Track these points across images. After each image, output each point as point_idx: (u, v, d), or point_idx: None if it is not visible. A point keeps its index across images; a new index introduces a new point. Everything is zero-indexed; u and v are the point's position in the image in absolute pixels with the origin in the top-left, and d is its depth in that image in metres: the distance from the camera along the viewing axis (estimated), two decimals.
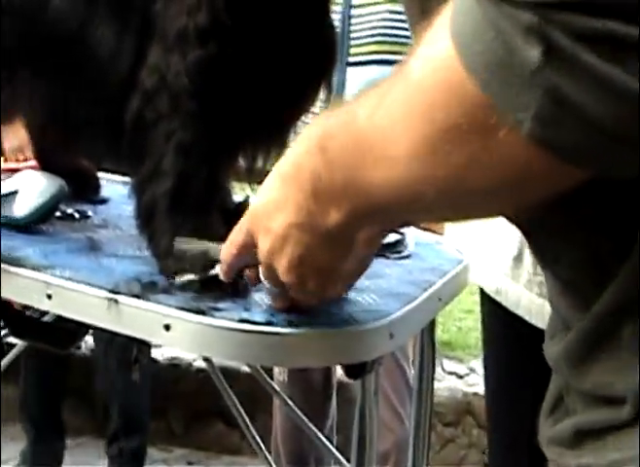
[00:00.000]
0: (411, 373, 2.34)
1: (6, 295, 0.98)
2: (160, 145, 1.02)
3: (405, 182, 0.57)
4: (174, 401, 3.17)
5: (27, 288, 0.95)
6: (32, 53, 1.13)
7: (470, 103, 0.51)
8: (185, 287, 0.92)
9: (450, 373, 3.27)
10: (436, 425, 3.16)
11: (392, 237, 1.25)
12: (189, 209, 1.01)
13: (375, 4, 2.21)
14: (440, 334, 3.64)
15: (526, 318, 1.31)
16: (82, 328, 1.00)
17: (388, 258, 1.20)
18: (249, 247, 0.77)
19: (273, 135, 1.10)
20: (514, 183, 0.53)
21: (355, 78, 2.23)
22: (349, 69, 2.22)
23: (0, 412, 2.18)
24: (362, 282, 1.05)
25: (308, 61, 1.07)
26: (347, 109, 0.64)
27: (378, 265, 1.15)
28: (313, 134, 0.66)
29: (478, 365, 3.28)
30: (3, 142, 1.94)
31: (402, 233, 1.27)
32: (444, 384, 3.18)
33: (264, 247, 0.74)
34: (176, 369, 3.21)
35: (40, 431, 2.85)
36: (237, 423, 3.26)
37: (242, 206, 1.19)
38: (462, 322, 3.72)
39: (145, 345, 1.78)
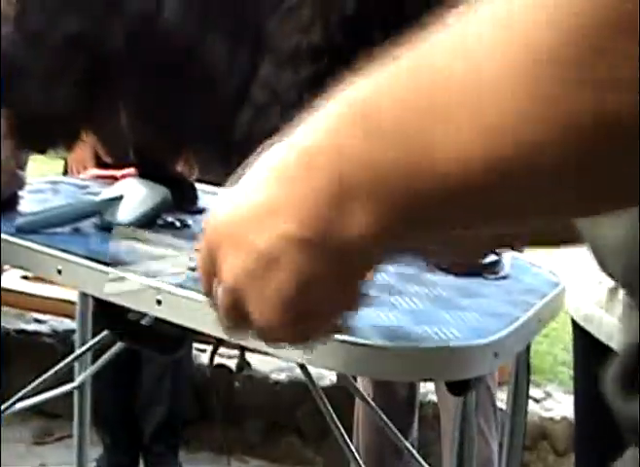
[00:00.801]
0: (496, 393, 2.33)
1: (116, 300, 1.00)
2: None
3: (512, 149, 0.36)
4: (251, 412, 3.19)
5: (137, 294, 0.96)
6: (144, 65, 1.15)
7: None
8: None
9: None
10: None
11: (489, 258, 1.25)
12: None
13: None
14: None
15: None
16: (187, 333, 1.02)
17: (486, 278, 1.21)
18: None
19: None
20: None
21: None
22: None
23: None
24: (462, 300, 1.07)
25: None
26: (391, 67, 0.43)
27: (476, 284, 1.16)
28: (336, 105, 0.44)
29: (553, 389, 3.24)
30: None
31: (498, 254, 1.27)
32: None
33: (231, 269, 0.48)
34: (253, 381, 3.23)
35: (115, 438, 2.89)
36: (312, 437, 3.27)
37: None
38: (538, 346, 3.67)
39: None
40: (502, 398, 3.20)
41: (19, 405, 1.46)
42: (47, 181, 1.49)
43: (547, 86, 0.34)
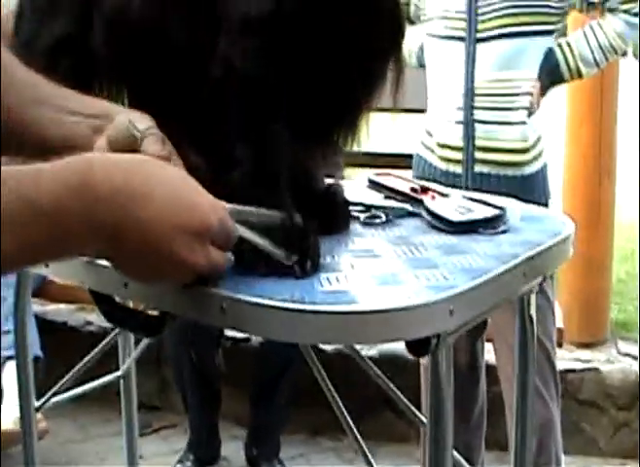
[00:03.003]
0: (555, 353, 2.28)
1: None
2: (232, 132, 1.05)
3: None
4: (343, 390, 3.20)
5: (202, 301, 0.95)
6: (118, 54, 1.17)
7: None
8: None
9: (625, 354, 3.14)
10: (609, 409, 3.05)
11: (489, 212, 1.22)
12: (262, 194, 1.02)
13: None
14: (615, 314, 3.51)
15: None
16: (166, 315, 1.04)
17: (481, 234, 1.18)
18: None
19: (346, 118, 1.10)
20: None
21: (485, 54, 2.18)
22: (478, 45, 2.18)
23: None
24: (439, 259, 1.05)
25: (373, 38, 1.07)
26: None
27: (465, 241, 1.13)
28: None
29: None
30: None
31: (501, 208, 1.24)
32: (618, 366, 3.07)
33: None
34: (344, 358, 3.24)
35: (197, 432, 2.97)
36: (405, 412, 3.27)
37: (331, 190, 1.20)
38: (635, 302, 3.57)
39: None
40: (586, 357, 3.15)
41: (61, 396, 1.50)
42: None
43: None
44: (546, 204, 2.25)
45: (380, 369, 1.60)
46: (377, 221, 1.23)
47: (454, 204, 1.25)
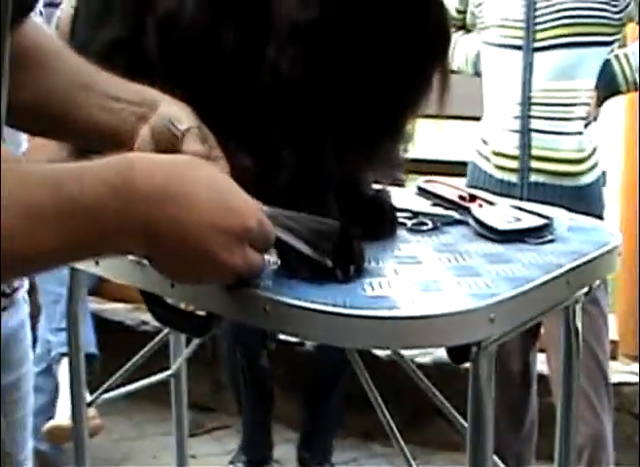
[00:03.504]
0: (608, 365, 2.26)
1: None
2: (278, 136, 1.07)
3: None
4: (397, 397, 3.20)
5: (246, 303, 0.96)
6: (170, 59, 1.20)
7: None
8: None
9: None
10: None
11: (537, 222, 1.22)
12: (305, 200, 1.04)
13: None
14: None
15: None
16: (213, 316, 1.06)
17: (527, 243, 1.18)
18: None
19: (391, 126, 1.11)
20: None
21: (542, 63, 2.18)
22: (536, 54, 2.18)
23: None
24: (482, 267, 1.05)
25: (418, 47, 1.08)
26: None
27: (511, 250, 1.14)
28: None
29: None
30: None
31: (548, 218, 1.24)
32: None
33: None
34: (397, 365, 3.25)
35: (250, 433, 2.99)
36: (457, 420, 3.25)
37: (378, 196, 1.22)
38: None
39: None
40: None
41: (112, 393, 1.54)
42: None
43: None
44: (601, 215, 2.23)
45: (435, 376, 1.60)
46: (424, 228, 1.24)
47: (501, 213, 1.26)
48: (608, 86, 2.19)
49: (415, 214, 1.28)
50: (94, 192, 0.74)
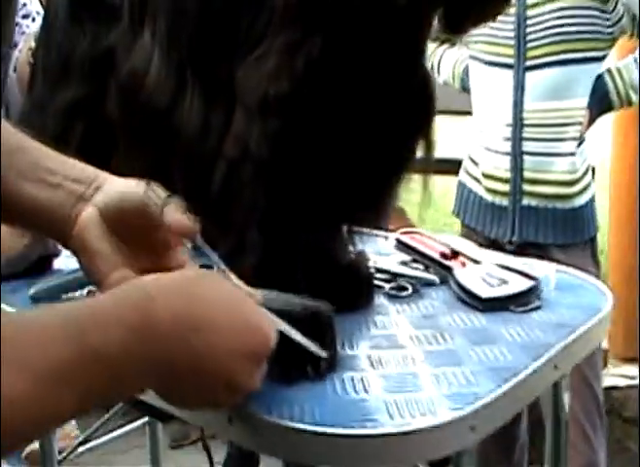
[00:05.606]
0: (601, 393, 2.20)
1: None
2: (243, 216, 1.00)
3: None
4: None
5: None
6: (132, 124, 1.13)
7: None
8: None
9: None
10: None
11: (523, 285, 1.16)
12: (274, 281, 0.97)
13: (547, 2, 2.07)
14: None
15: None
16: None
17: (514, 312, 1.12)
18: None
19: (369, 198, 1.05)
20: None
21: (534, 82, 2.09)
22: (527, 74, 2.09)
23: None
24: (463, 350, 0.99)
25: (400, 118, 1.01)
26: None
27: (497, 323, 1.08)
28: None
29: None
30: None
31: (535, 279, 1.18)
32: None
33: None
34: None
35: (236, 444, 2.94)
36: None
37: (356, 263, 1.15)
38: None
39: None
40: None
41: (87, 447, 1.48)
42: None
43: None
44: (594, 238, 2.17)
45: None
46: (403, 294, 1.18)
47: (485, 273, 1.19)
48: (601, 103, 2.10)
49: (394, 276, 1.22)
50: (118, 340, 0.67)
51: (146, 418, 1.63)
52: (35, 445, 2.47)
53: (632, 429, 3.02)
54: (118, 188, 0.88)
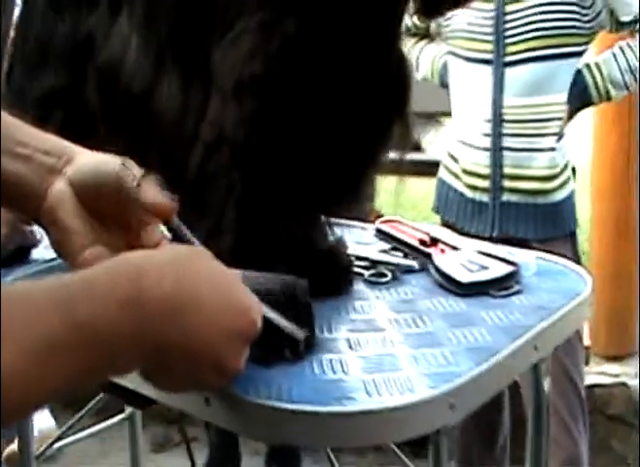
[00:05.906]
0: (583, 387, 2.20)
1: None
2: (220, 199, 0.99)
3: None
4: None
5: None
6: (111, 110, 1.12)
7: None
8: None
9: None
10: (637, 425, 2.98)
11: (503, 270, 1.16)
12: (250, 264, 0.97)
13: None
14: None
15: None
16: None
17: (494, 297, 1.11)
18: None
19: (345, 182, 1.04)
20: None
21: (513, 78, 2.10)
22: (506, 69, 2.09)
23: None
24: (443, 333, 0.98)
25: (376, 98, 1.00)
26: None
27: (477, 307, 1.07)
28: None
29: None
30: None
31: (515, 264, 1.17)
32: None
33: None
34: None
35: (218, 445, 2.93)
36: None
37: (335, 249, 1.14)
38: None
39: None
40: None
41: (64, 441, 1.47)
42: None
43: None
44: (574, 232, 2.17)
45: None
46: (383, 280, 1.17)
47: (464, 260, 1.19)
48: (580, 97, 2.11)
49: (374, 263, 1.21)
50: (109, 315, 0.65)
51: (124, 415, 1.61)
52: (14, 446, 2.45)
53: (616, 427, 3.03)
54: (91, 162, 0.85)
